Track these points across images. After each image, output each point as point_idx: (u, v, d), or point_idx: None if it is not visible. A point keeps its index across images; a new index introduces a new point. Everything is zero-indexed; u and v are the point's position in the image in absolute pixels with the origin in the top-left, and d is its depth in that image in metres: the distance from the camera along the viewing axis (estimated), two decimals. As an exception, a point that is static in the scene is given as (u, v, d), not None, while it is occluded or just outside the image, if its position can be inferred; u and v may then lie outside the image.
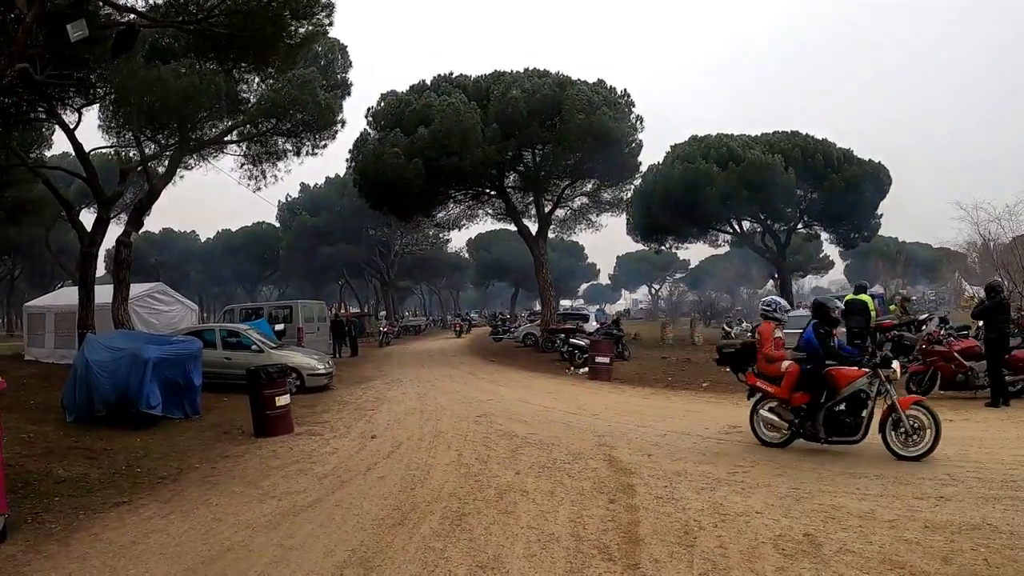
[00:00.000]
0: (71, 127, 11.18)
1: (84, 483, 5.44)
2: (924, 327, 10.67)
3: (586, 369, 13.90)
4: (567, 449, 6.17)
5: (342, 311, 30.55)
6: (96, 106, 11.92)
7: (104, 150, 13.64)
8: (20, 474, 5.40)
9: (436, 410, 8.96)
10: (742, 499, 4.37)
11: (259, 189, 14.16)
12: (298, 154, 13.72)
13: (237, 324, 12.98)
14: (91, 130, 12.57)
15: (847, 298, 11.24)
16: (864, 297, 11.17)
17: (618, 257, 67.74)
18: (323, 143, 13.51)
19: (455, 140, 15.92)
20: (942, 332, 9.24)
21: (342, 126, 13.72)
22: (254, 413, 7.65)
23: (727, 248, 36.30)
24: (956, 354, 8.42)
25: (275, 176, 14.09)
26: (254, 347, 11.27)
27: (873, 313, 10.94)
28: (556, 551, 3.59)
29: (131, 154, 13.66)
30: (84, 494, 5.17)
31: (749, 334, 20.54)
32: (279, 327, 14.96)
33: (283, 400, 7.64)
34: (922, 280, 43.26)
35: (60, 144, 16.44)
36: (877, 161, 22.52)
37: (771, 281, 46.98)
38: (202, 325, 13.92)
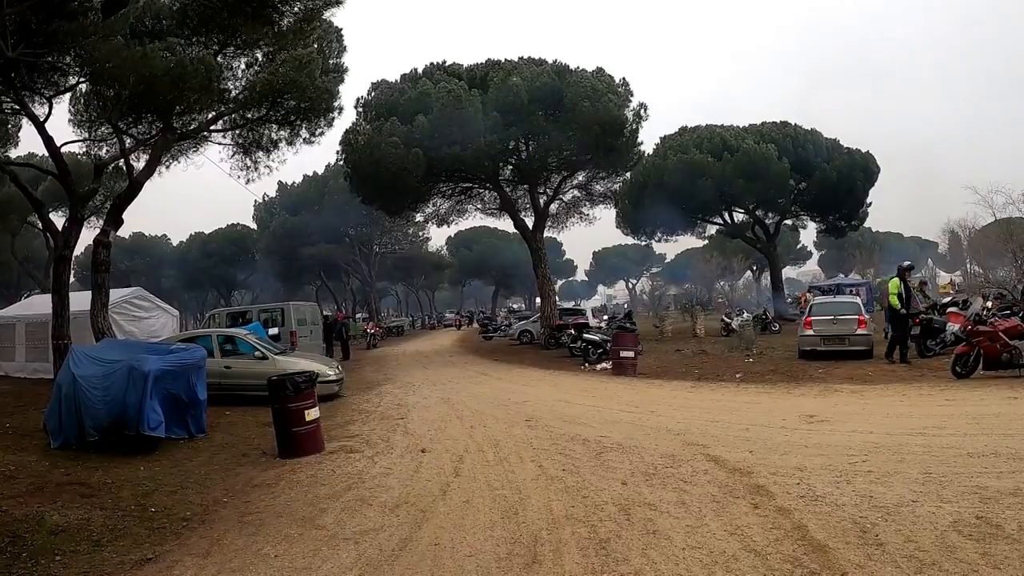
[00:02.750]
0: (41, 119, 9.90)
1: (88, 532, 4.31)
2: (966, 308, 10.53)
3: (605, 365, 13.37)
4: (655, 451, 5.56)
5: (341, 312, 29.30)
6: (67, 97, 10.67)
7: (74, 145, 12.29)
8: (5, 524, 4.24)
9: (474, 415, 8.20)
10: (886, 489, 4.15)
11: (250, 181, 13.05)
12: (291, 143, 12.65)
13: (235, 329, 11.85)
14: (60, 127, 11.21)
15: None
16: (892, 281, 10.85)
17: (594, 253, 67.95)
18: (320, 131, 12.48)
19: (456, 129, 15.11)
20: (986, 312, 9.14)
21: (339, 113, 12.72)
22: (279, 430, 6.70)
23: (707, 241, 36.55)
24: (1001, 334, 8.35)
25: (268, 167, 13.00)
26: (257, 353, 10.23)
27: (893, 297, 10.47)
28: (745, 570, 3.07)
29: (104, 152, 12.37)
30: (93, 548, 4.03)
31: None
32: (273, 331, 13.92)
33: (313, 414, 6.70)
34: (894, 269, 44.42)
35: (24, 145, 14.85)
36: (865, 151, 22.77)
37: (749, 272, 47.70)
38: (196, 331, 12.72)
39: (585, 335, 14.73)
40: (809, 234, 41.95)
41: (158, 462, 6.42)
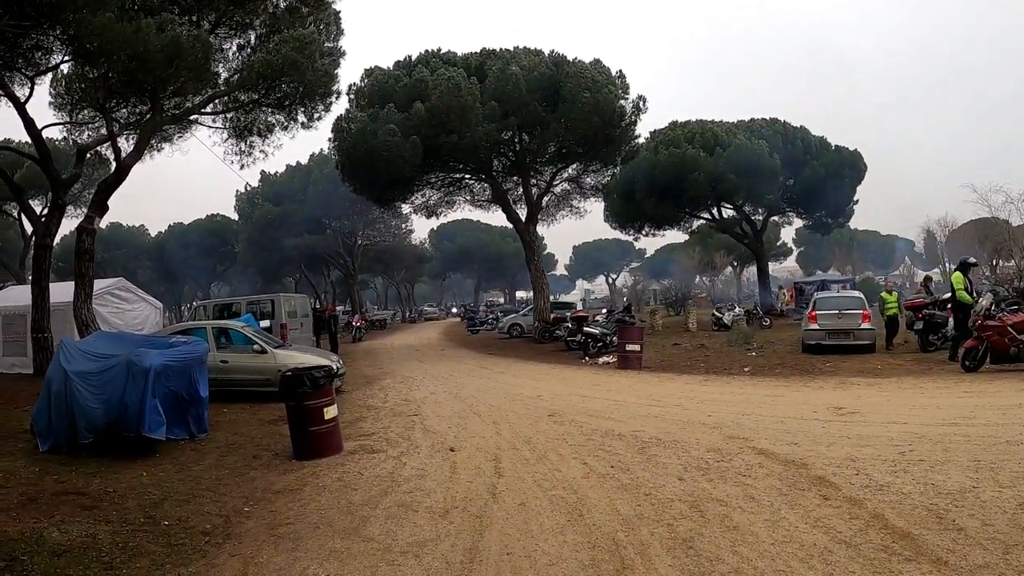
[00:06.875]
0: (22, 100, 9.21)
1: (96, 552, 3.68)
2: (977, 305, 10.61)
3: (606, 359, 13.27)
4: (699, 445, 5.42)
5: (320, 305, 28.55)
6: (47, 79, 9.96)
7: (53, 131, 11.57)
8: (0, 544, 3.65)
9: (491, 411, 7.95)
10: (943, 477, 4.16)
11: (244, 167, 12.48)
12: (287, 128, 12.14)
13: (231, 321, 11.29)
14: (39, 110, 10.52)
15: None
16: (955, 275, 10.17)
17: (574, 247, 68.03)
18: (317, 115, 11.98)
19: (454, 117, 14.74)
20: (993, 308, 9.25)
21: (336, 97, 12.25)
22: (294, 429, 6.27)
23: (688, 237, 36.89)
24: (1010, 328, 8.48)
25: (264, 152, 12.45)
26: (255, 347, 9.75)
27: (962, 292, 9.76)
28: (844, 562, 3.01)
29: (85, 136, 11.66)
30: (105, 572, 3.44)
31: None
32: (265, 324, 13.40)
33: (332, 412, 6.27)
34: (871, 266, 45.64)
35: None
36: (853, 148, 23.15)
37: (729, 268, 48.36)
38: (189, 323, 12.08)
39: (585, 328, 14.61)
40: (788, 231, 42.90)
41: (161, 466, 5.88)
